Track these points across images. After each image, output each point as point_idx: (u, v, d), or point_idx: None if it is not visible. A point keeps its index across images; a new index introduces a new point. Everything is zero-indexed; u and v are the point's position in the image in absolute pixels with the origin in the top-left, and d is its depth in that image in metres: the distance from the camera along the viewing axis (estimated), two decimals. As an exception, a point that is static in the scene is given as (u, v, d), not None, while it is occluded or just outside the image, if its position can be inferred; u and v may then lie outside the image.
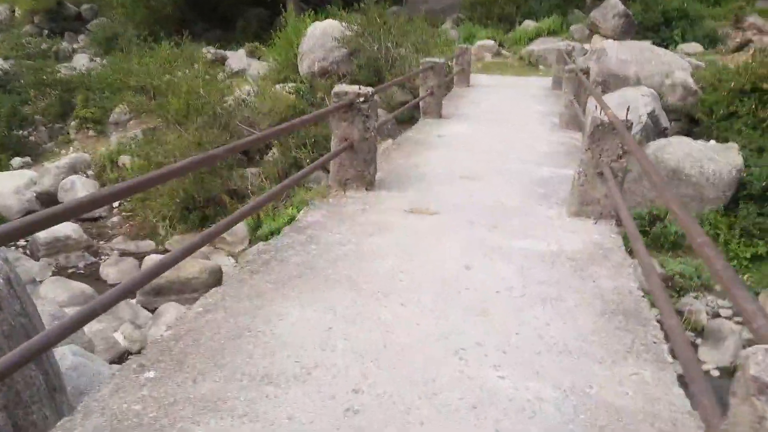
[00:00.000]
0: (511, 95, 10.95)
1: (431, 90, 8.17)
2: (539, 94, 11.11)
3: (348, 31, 14.88)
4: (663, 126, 12.51)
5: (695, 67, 15.10)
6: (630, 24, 17.43)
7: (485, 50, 18.54)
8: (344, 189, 4.95)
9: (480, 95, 10.83)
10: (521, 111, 9.33)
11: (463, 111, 9.19)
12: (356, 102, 4.72)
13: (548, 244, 4.03)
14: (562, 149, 6.84)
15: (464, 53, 11.75)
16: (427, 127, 7.94)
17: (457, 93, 11.16)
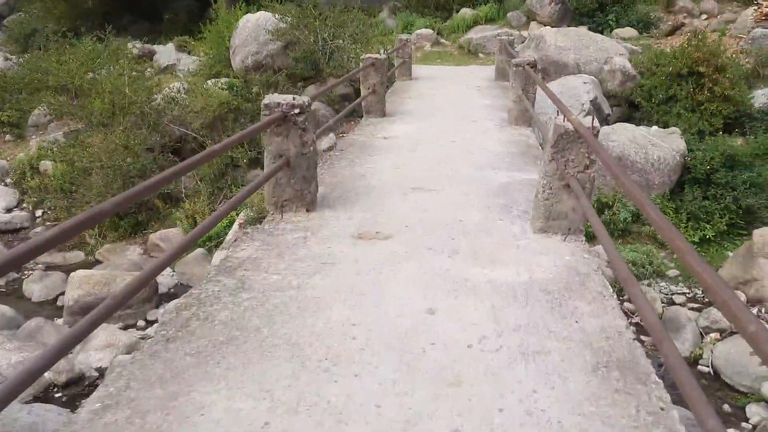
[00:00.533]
0: (455, 88, 10.41)
1: (373, 88, 7.53)
2: (483, 86, 10.61)
3: (282, 24, 14.04)
4: (605, 113, 12.25)
5: (631, 52, 14.95)
6: (566, 10, 17.17)
7: (424, 39, 17.98)
8: (282, 212, 4.28)
9: (423, 88, 10.24)
10: (468, 105, 8.80)
11: (408, 107, 8.59)
12: (291, 114, 4.05)
13: (518, 272, 3.48)
14: (515, 149, 6.32)
15: (405, 45, 11.13)
16: (371, 128, 7.31)
17: (399, 87, 10.56)
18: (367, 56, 7.46)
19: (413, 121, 7.65)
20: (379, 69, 7.46)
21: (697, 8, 17.31)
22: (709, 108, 12.31)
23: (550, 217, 4.02)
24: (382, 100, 7.70)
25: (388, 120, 7.67)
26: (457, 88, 10.39)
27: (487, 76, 11.94)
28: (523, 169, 5.55)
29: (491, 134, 6.95)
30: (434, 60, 16.78)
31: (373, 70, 7.42)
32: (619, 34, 16.42)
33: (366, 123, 7.55)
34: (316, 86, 14.16)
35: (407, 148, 6.30)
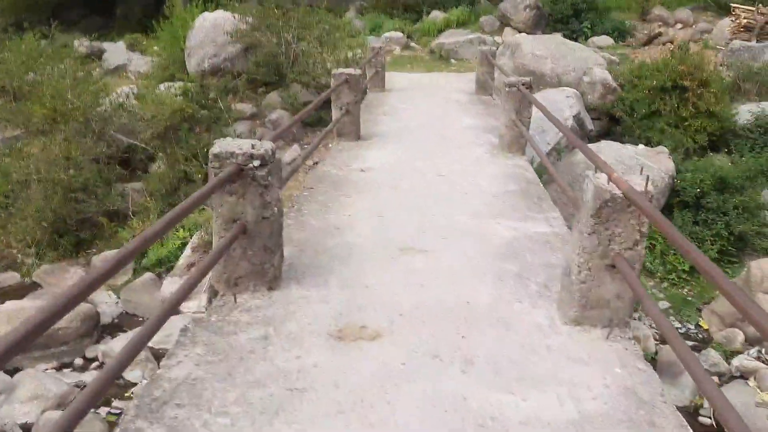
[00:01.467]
0: (434, 102, 9.43)
1: (347, 108, 6.49)
2: (464, 100, 9.64)
3: (242, 24, 12.84)
4: (588, 129, 11.43)
5: (609, 62, 14.21)
6: (541, 16, 16.37)
7: (394, 43, 16.96)
8: (235, 293, 3.22)
9: (399, 102, 9.24)
10: (451, 125, 7.82)
11: (385, 127, 7.57)
12: (249, 168, 3.00)
13: (559, 399, 2.50)
14: (514, 186, 5.35)
15: (378, 53, 10.08)
16: (344, 155, 6.25)
17: (373, 100, 9.60)
18: (340, 72, 6.41)
19: (392, 146, 6.63)
20: (354, 86, 6.42)
21: (671, 17, 16.71)
22: (693, 124, 11.61)
23: (587, 306, 3.05)
24: (356, 122, 6.66)
25: (363, 144, 6.63)
26: (436, 102, 9.42)
27: (466, 87, 10.98)
28: (528, 217, 4.59)
29: (483, 165, 5.98)
30: (405, 65, 15.78)
31: (347, 87, 6.37)
32: (595, 42, 15.70)
33: (339, 148, 6.49)
34: (279, 92, 13.03)
35: (388, 185, 5.27)
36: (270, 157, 3.10)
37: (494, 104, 9.30)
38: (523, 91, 6.06)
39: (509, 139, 6.38)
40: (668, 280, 9.49)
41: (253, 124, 12.86)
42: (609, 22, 16.30)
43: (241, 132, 12.36)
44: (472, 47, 16.18)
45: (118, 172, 11.62)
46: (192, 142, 11.55)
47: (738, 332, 8.17)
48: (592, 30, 16.31)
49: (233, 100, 12.99)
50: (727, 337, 8.18)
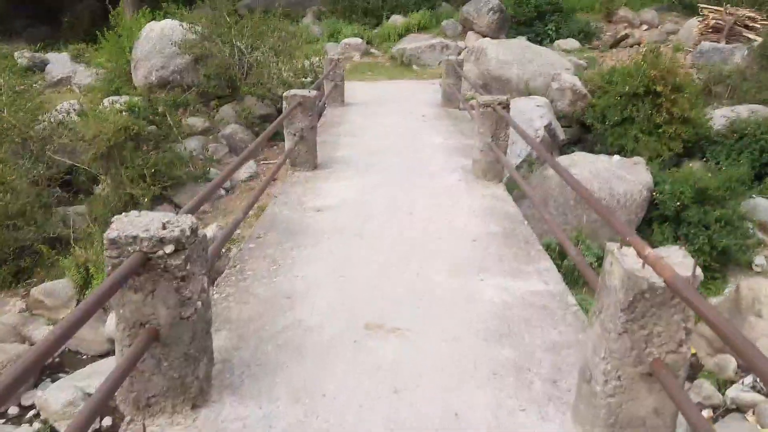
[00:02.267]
0: (397, 117, 8.61)
1: (301, 134, 5.62)
2: (431, 115, 8.84)
3: (191, 34, 11.83)
4: (560, 139, 10.78)
5: (576, 66, 13.62)
6: (504, 19, 15.71)
7: (353, 49, 16.11)
8: (145, 418, 2.35)
9: (361, 119, 8.39)
10: (418, 146, 7.01)
11: (344, 152, 6.75)
12: (157, 256, 2.15)
13: None
14: (496, 226, 4.57)
15: (337, 66, 9.20)
16: (299, 190, 5.37)
17: (332, 117, 8.77)
18: (293, 93, 5.53)
19: (354, 175, 5.78)
20: (309, 109, 5.55)
21: (637, 18, 16.23)
22: (667, 131, 11.06)
23: (616, 425, 2.28)
24: (312, 149, 5.79)
25: (320, 175, 5.76)
26: (401, 117, 8.61)
27: (431, 99, 10.18)
28: (517, 271, 3.81)
29: (458, 198, 5.19)
30: (365, 73, 14.94)
31: (301, 111, 5.50)
32: (561, 45, 15.10)
33: (293, 181, 5.60)
34: (233, 105, 12.09)
35: (350, 231, 4.43)
36: (188, 238, 2.25)
37: (463, 118, 8.54)
38: (499, 111, 5.29)
39: (485, 165, 5.61)
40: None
41: (206, 140, 11.89)
42: (574, 24, 15.73)
43: (193, 148, 11.41)
44: (434, 53, 15.46)
45: (60, 195, 10.56)
46: (139, 162, 10.56)
47: (730, 359, 7.56)
48: (557, 32, 15.72)
49: (184, 115, 11.98)
50: (719, 364, 7.56)
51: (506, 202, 5.11)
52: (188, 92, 11.70)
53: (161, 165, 10.64)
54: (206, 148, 11.39)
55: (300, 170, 5.77)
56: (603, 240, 9.28)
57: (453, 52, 15.31)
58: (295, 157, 5.67)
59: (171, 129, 11.44)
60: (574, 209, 9.26)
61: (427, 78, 14.33)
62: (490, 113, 5.42)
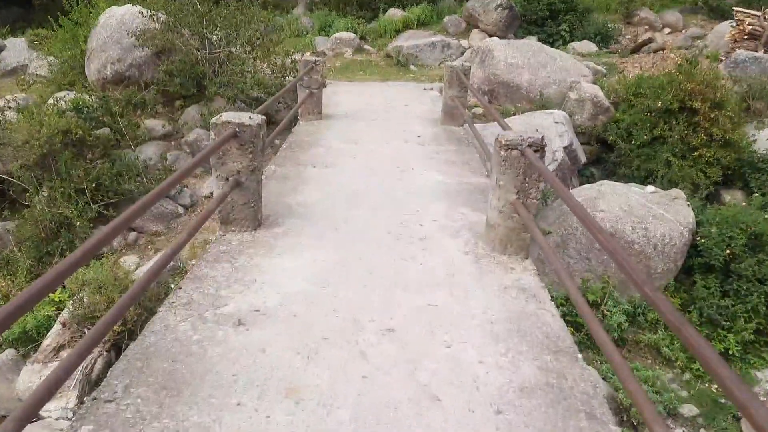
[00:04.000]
0: (386, 139, 6.65)
1: (237, 178, 3.60)
2: (428, 136, 6.78)
3: (152, 23, 9.76)
4: (581, 162, 8.79)
5: (594, 72, 11.60)
6: (513, 17, 13.65)
7: (344, 45, 14.04)
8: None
9: (337, 142, 6.44)
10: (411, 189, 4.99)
11: (306, 196, 4.71)
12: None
13: None
14: (530, 370, 2.59)
15: (313, 70, 7.07)
16: (221, 272, 3.37)
17: (301, 137, 6.79)
18: (224, 120, 3.51)
19: (313, 244, 3.80)
20: (249, 143, 3.55)
21: (659, 21, 14.18)
22: (705, 155, 9.11)
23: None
24: (253, 201, 3.76)
25: (263, 241, 3.76)
26: (390, 139, 6.60)
27: (430, 111, 8.15)
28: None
29: (465, 291, 3.25)
30: (356, 72, 12.90)
31: (237, 145, 3.50)
32: (576, 48, 13.07)
33: (220, 251, 3.59)
34: (200, 107, 10.04)
35: (288, 376, 2.45)
36: None
37: (468, 141, 6.53)
38: (531, 157, 3.32)
39: (505, 233, 3.64)
40: (691, 370, 6.99)
41: (166, 147, 9.87)
42: (590, 25, 13.70)
43: (149, 156, 9.43)
44: (434, 51, 13.42)
45: (-9, 205, 8.62)
46: (80, 174, 8.56)
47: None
48: (571, 34, 13.70)
49: (142, 117, 9.94)
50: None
51: (542, 302, 3.15)
52: (147, 90, 9.63)
53: (106, 177, 8.65)
54: (164, 157, 9.36)
55: (234, 231, 3.77)
56: (635, 292, 7.36)
57: (455, 52, 13.28)
58: (228, 212, 3.67)
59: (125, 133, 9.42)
60: (600, 253, 7.30)
61: (426, 80, 12.30)
62: (516, 159, 3.44)
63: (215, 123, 3.59)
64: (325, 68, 12.97)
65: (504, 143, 3.55)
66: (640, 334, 7.23)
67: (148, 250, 8.67)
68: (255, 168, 3.67)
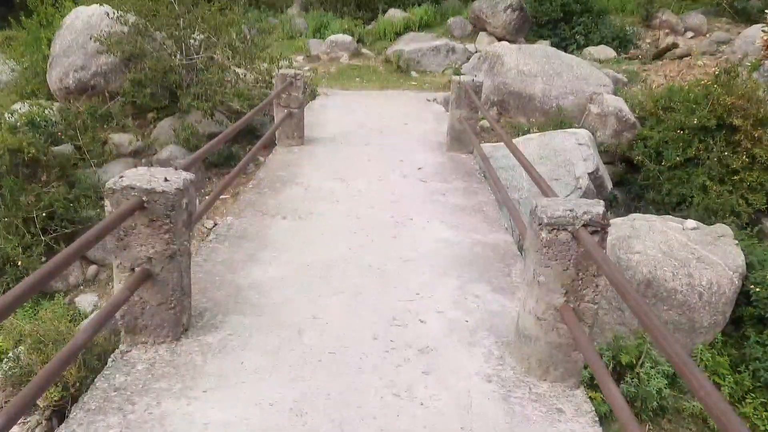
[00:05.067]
0: (379, 173, 5.21)
1: (148, 267, 2.30)
2: (431, 168, 5.34)
3: (119, 25, 8.47)
4: (608, 188, 7.49)
5: (614, 80, 10.28)
6: (524, 19, 12.33)
7: (340, 48, 12.74)
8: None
9: (318, 178, 5.06)
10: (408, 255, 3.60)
11: (265, 271, 3.35)
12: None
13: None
14: None
15: (291, 86, 5.64)
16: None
17: (276, 169, 5.35)
18: (122, 183, 2.23)
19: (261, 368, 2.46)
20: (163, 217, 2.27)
21: (681, 24, 12.84)
22: (747, 179, 7.81)
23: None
24: (176, 297, 2.45)
25: (188, 358, 2.45)
26: (384, 172, 5.23)
27: (434, 133, 6.80)
28: None
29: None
30: (352, 79, 11.60)
31: (145, 221, 2.22)
32: (593, 54, 11.76)
33: (111, 386, 2.28)
34: (175, 120, 8.77)
35: None
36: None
37: (480, 176, 5.19)
38: (586, 242, 2.04)
39: (545, 350, 2.36)
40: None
41: (136, 164, 8.55)
42: (607, 28, 12.37)
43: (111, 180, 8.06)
44: (438, 56, 12.13)
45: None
46: (30, 199, 7.31)
47: None
48: (587, 38, 12.38)
49: (109, 131, 8.66)
50: None
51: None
52: (113, 102, 8.35)
53: (61, 204, 7.38)
54: (131, 178, 8.00)
55: (144, 344, 2.47)
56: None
57: (461, 56, 11.98)
58: (134, 317, 2.40)
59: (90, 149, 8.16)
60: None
61: (429, 88, 11.01)
62: (565, 245, 2.16)
63: (112, 188, 2.31)
64: (319, 75, 11.68)
65: (547, 221, 2.26)
66: (682, 400, 5.94)
67: (108, 287, 7.39)
68: (175, 252, 2.39)
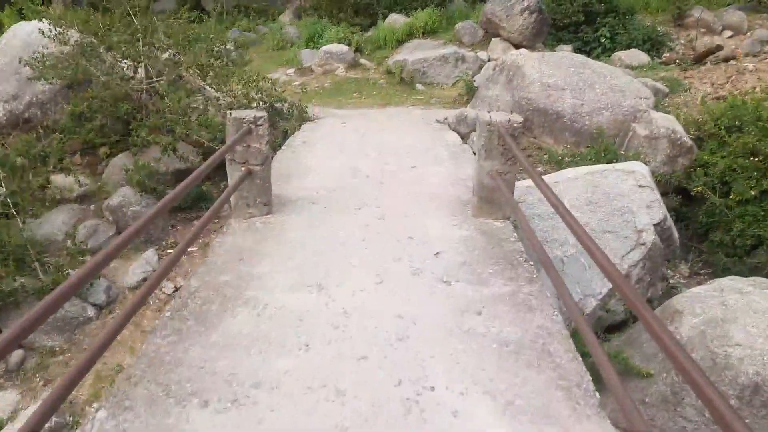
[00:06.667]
0: (379, 265, 3.41)
1: None
2: (455, 250, 3.57)
3: (60, 44, 6.73)
4: (677, 242, 5.64)
5: (654, 91, 8.44)
6: (543, 23, 10.47)
7: (336, 59, 10.94)
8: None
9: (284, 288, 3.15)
10: None
11: None
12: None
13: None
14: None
15: (251, 134, 3.67)
16: None
17: (217, 273, 3.34)
18: None
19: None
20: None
21: (718, 22, 10.94)
22: None
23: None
24: None
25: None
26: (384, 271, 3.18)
27: (450, 179, 4.90)
28: None
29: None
30: (349, 94, 9.81)
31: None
32: (623, 59, 9.90)
33: None
34: (131, 155, 7.02)
35: None
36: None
37: (529, 266, 3.29)
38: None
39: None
40: None
41: (83, 212, 6.88)
42: (636, 30, 10.48)
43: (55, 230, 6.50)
44: (446, 66, 10.31)
45: None
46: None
47: None
48: (613, 40, 10.50)
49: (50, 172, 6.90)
50: None
51: None
52: (50, 138, 6.58)
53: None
54: (72, 232, 6.35)
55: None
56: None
57: (472, 65, 10.16)
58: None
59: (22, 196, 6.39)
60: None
61: (437, 104, 9.21)
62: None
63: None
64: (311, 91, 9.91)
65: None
66: None
67: (35, 380, 5.62)
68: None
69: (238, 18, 14.26)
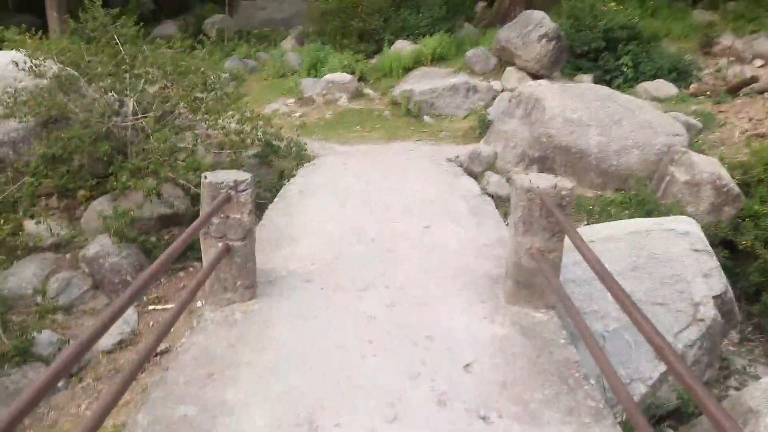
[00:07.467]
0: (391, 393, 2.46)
1: None
2: (489, 363, 2.69)
3: (37, 78, 6.03)
4: (738, 318, 4.80)
5: (687, 126, 7.66)
6: (562, 50, 9.73)
7: (338, 89, 10.23)
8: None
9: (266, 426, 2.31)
10: None
11: None
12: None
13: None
14: None
15: (231, 201, 2.93)
16: None
17: (178, 395, 2.46)
18: None
19: None
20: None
21: (748, 50, 10.20)
22: None
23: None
24: None
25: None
26: (397, 404, 2.43)
27: (472, 246, 3.91)
28: None
29: None
30: (352, 127, 9.09)
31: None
32: (649, 90, 9.15)
33: None
34: (110, 200, 6.26)
35: None
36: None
37: (581, 376, 2.48)
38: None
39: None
40: None
41: (57, 262, 6.11)
42: (661, 58, 9.71)
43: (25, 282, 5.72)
44: (456, 97, 9.58)
45: None
46: None
47: None
48: (636, 69, 9.75)
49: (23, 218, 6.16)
50: None
51: None
52: (18, 184, 5.83)
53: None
54: (46, 283, 5.59)
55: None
56: None
57: (485, 96, 9.44)
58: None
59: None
60: None
61: (448, 138, 8.48)
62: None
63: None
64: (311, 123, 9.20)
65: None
66: None
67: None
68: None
69: (239, 44, 13.64)
